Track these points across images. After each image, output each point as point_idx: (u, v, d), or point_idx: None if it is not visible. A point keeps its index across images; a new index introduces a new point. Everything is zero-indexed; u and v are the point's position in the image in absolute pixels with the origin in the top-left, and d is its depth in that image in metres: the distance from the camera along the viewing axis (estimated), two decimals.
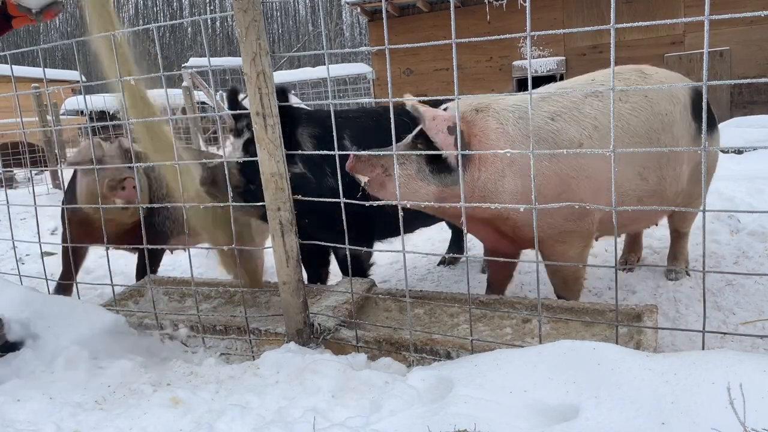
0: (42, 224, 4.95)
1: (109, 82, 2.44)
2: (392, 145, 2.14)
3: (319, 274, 3.21)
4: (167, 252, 3.67)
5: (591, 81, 2.62)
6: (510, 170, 2.34)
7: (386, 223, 2.61)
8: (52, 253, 4.18)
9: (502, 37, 1.88)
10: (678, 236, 3.22)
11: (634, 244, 3.43)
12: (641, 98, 2.56)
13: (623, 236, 3.46)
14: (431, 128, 2.30)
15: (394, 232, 2.88)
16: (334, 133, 2.22)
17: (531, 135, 2.01)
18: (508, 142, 2.33)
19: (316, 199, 2.33)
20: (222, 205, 2.48)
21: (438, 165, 2.33)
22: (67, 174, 3.36)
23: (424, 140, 2.34)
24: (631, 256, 3.42)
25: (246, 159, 2.49)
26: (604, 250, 3.71)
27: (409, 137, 2.42)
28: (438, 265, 3.86)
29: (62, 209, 3.23)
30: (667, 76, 2.76)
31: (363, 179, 2.36)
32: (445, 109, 2.42)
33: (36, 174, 8.75)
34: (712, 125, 2.92)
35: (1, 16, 2.27)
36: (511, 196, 2.34)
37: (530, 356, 1.76)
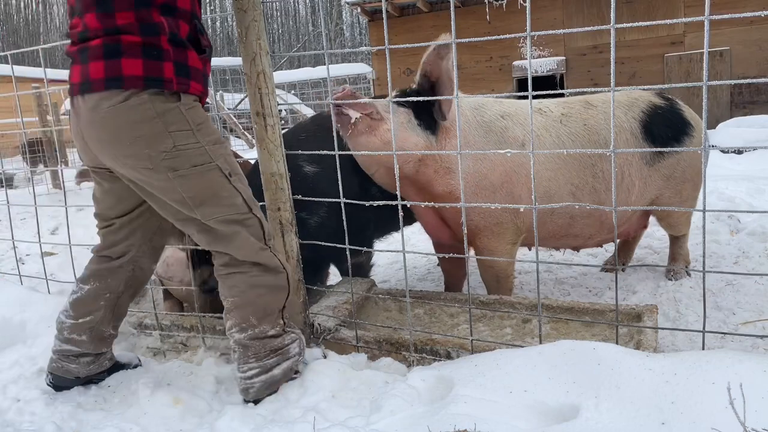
0: (42, 224, 4.96)
1: None
2: (392, 149, 2.14)
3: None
4: None
5: (539, 102, 2.79)
6: (467, 149, 2.46)
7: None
8: (52, 253, 4.18)
9: (502, 37, 1.89)
10: (673, 239, 3.22)
11: (625, 250, 3.42)
12: (580, 126, 2.69)
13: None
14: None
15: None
16: (335, 132, 2.22)
17: (531, 136, 2.01)
18: (465, 122, 2.51)
19: (316, 199, 2.33)
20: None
21: (425, 120, 2.42)
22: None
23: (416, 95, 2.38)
24: (619, 260, 3.40)
25: None
26: (604, 249, 3.71)
27: (394, 92, 2.45)
28: (438, 265, 3.85)
29: None
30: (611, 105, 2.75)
31: (354, 115, 2.34)
32: None
33: (37, 174, 8.74)
34: (683, 133, 2.86)
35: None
36: (461, 174, 2.38)
37: (530, 356, 1.76)
